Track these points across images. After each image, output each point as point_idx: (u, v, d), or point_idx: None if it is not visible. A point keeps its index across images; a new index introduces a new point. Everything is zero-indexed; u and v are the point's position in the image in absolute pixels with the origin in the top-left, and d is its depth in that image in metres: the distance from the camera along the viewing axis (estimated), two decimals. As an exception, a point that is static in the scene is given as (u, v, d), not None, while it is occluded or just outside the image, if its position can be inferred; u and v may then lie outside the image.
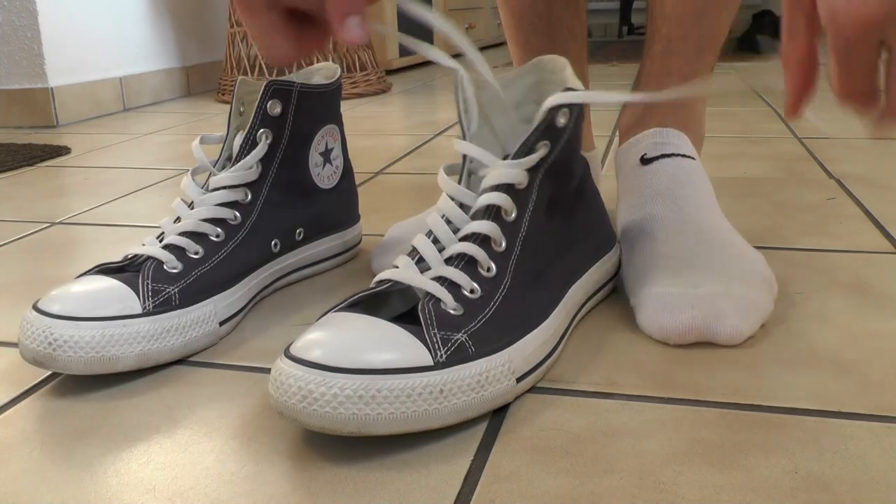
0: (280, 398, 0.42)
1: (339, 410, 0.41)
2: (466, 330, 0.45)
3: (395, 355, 0.42)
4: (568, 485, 0.39)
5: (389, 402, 0.41)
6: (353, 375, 0.41)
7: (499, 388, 0.45)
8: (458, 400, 0.43)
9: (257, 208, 0.62)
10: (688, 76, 0.70)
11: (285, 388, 0.41)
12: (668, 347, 0.54)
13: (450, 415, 0.43)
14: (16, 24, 1.61)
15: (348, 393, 0.41)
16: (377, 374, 0.41)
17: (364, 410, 0.41)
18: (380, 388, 0.41)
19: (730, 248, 0.60)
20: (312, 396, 0.41)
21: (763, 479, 0.39)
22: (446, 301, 0.46)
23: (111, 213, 0.94)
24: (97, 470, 0.42)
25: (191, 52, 2.12)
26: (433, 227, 0.50)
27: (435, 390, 0.42)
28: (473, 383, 0.44)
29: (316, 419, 0.41)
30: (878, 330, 0.56)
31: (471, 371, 0.44)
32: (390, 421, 0.41)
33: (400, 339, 0.43)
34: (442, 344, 0.44)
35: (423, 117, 1.61)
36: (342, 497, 0.39)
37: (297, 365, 0.42)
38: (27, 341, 0.49)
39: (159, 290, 0.53)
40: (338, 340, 0.42)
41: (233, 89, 0.66)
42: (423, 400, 0.42)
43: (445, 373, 0.43)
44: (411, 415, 0.42)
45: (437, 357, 0.43)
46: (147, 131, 1.55)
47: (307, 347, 0.42)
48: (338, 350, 0.42)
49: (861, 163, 1.08)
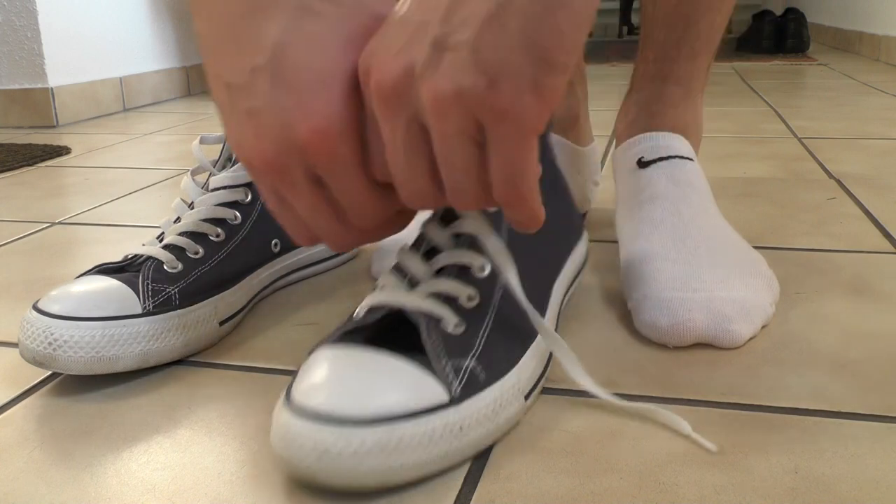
0: (292, 458, 0.37)
1: (361, 467, 0.37)
2: (473, 353, 0.42)
3: (410, 395, 0.39)
4: (568, 485, 0.39)
5: (412, 449, 0.38)
6: (374, 427, 0.37)
7: (511, 411, 0.43)
8: (476, 433, 0.41)
9: (257, 208, 0.62)
10: (682, 80, 0.70)
11: (298, 447, 0.37)
12: (667, 348, 0.54)
13: (468, 450, 0.41)
14: (16, 24, 1.61)
15: (369, 447, 0.37)
16: (396, 420, 0.38)
17: (387, 462, 0.37)
18: (401, 437, 0.37)
19: (729, 249, 0.60)
20: (331, 454, 0.36)
21: (763, 479, 0.39)
22: (446, 318, 0.43)
23: (111, 213, 0.94)
24: (97, 470, 0.42)
25: (191, 52, 2.12)
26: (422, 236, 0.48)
27: (455, 428, 0.39)
28: (489, 412, 0.41)
29: (336, 477, 0.37)
30: (878, 330, 0.56)
31: (486, 401, 0.41)
32: (413, 469, 0.38)
33: (410, 375, 0.40)
34: (455, 375, 0.41)
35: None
36: (342, 497, 0.39)
37: (308, 419, 0.37)
38: (27, 341, 0.49)
39: (159, 290, 0.53)
40: (343, 384, 0.39)
41: (233, 89, 0.66)
42: (444, 441, 0.39)
43: (462, 408, 0.40)
44: (434, 458, 0.39)
45: (452, 392, 0.40)
46: (147, 131, 1.55)
47: (313, 395, 0.38)
48: (347, 396, 0.38)
49: (861, 163, 1.08)
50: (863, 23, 2.72)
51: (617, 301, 0.62)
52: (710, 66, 0.72)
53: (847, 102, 1.63)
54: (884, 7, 2.49)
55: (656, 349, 0.54)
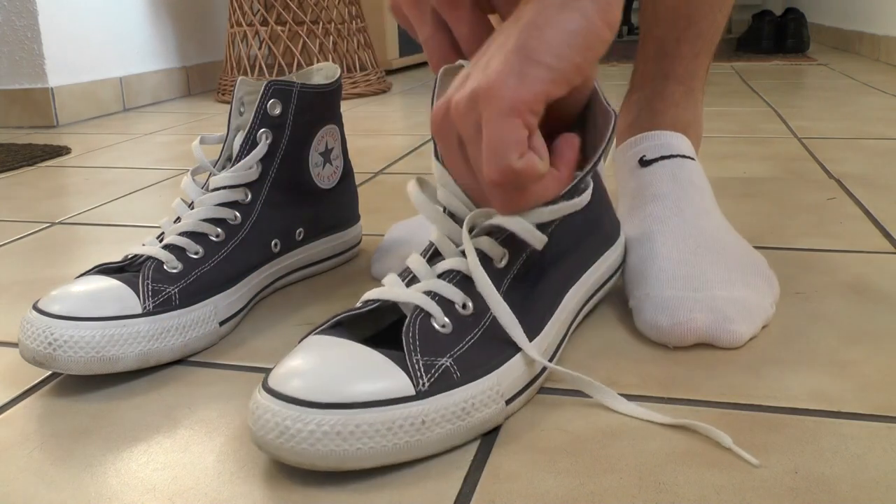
0: (257, 433, 0.40)
1: (317, 447, 0.39)
2: (451, 354, 0.43)
3: (375, 386, 0.40)
4: (568, 485, 0.39)
5: (369, 436, 0.39)
6: (330, 411, 0.39)
7: (486, 413, 0.43)
8: (442, 429, 0.41)
9: (257, 208, 0.62)
10: (683, 78, 0.70)
11: (262, 423, 0.40)
12: (667, 348, 0.54)
13: (432, 445, 0.41)
14: (16, 24, 1.61)
15: (325, 430, 0.39)
16: (356, 408, 0.40)
17: (342, 446, 0.39)
18: (358, 423, 0.39)
19: (731, 249, 0.60)
20: (289, 433, 0.39)
21: (763, 479, 0.39)
22: (436, 316, 0.44)
23: (111, 213, 0.94)
24: (97, 470, 0.42)
25: (191, 52, 2.12)
26: (434, 241, 0.48)
27: (416, 422, 0.40)
28: (458, 411, 0.42)
29: (293, 455, 0.39)
30: (877, 330, 0.56)
31: (455, 399, 0.42)
32: (370, 455, 0.40)
33: (380, 367, 0.41)
34: (425, 371, 0.42)
35: (423, 117, 1.61)
36: (342, 496, 0.39)
37: (274, 399, 0.40)
38: (27, 341, 0.49)
39: (159, 290, 0.53)
40: (316, 371, 0.41)
41: (233, 89, 0.66)
42: (405, 432, 0.40)
43: (428, 402, 0.41)
44: (392, 448, 0.40)
45: (419, 386, 0.41)
46: (147, 131, 1.55)
47: (284, 379, 0.41)
48: (315, 382, 0.40)
49: (861, 163, 1.08)
50: (863, 23, 2.71)
51: (617, 301, 0.62)
52: (710, 64, 0.72)
53: (847, 102, 1.63)
54: (884, 7, 2.49)
55: (656, 349, 0.54)
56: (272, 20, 1.92)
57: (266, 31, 1.91)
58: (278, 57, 1.92)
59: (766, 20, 2.81)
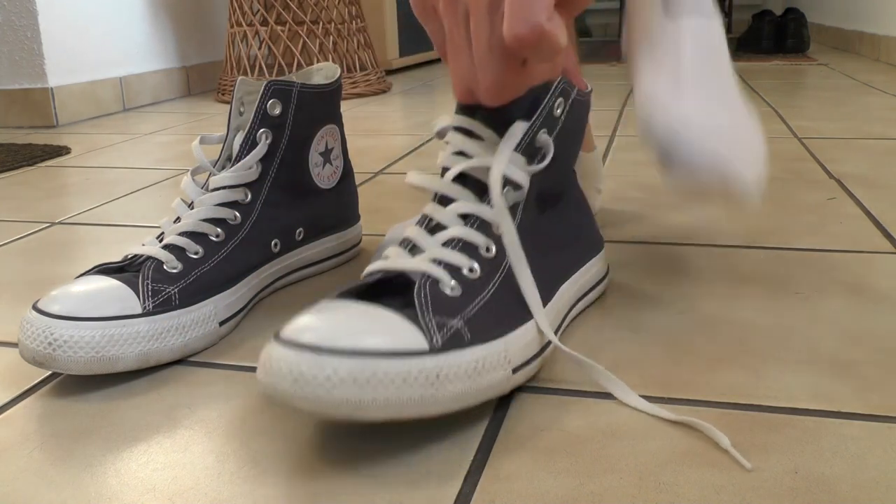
0: (269, 381, 0.40)
1: (333, 393, 0.39)
2: (462, 316, 0.44)
3: (390, 339, 0.41)
4: (568, 485, 0.39)
5: (385, 385, 0.39)
6: (347, 358, 0.39)
7: (495, 377, 0.44)
8: (455, 387, 0.42)
9: (257, 208, 0.62)
10: None
11: (275, 371, 0.39)
12: (667, 348, 0.54)
13: (447, 402, 0.42)
14: (16, 23, 1.61)
15: (342, 375, 0.39)
16: (372, 356, 0.40)
17: (358, 394, 0.39)
18: (374, 372, 0.39)
19: (748, 125, 0.62)
20: (304, 379, 0.39)
21: (763, 479, 0.39)
22: (444, 280, 0.45)
23: (111, 213, 0.94)
24: (97, 470, 0.42)
25: (191, 52, 2.12)
26: (430, 213, 0.50)
27: (431, 375, 0.41)
28: (470, 370, 0.43)
29: (307, 403, 0.39)
30: (877, 330, 0.56)
31: (467, 357, 0.43)
32: (385, 405, 0.40)
33: (395, 323, 0.42)
34: (437, 329, 0.43)
35: (423, 117, 1.61)
36: (342, 497, 0.39)
37: (287, 347, 0.40)
38: (27, 341, 0.49)
39: (159, 290, 0.53)
40: (331, 324, 0.41)
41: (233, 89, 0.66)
42: (420, 385, 0.41)
43: (441, 358, 0.42)
44: (407, 400, 0.40)
45: (433, 342, 0.42)
46: (147, 131, 1.55)
47: (299, 331, 0.41)
48: (331, 333, 0.40)
49: (861, 163, 1.08)
50: (863, 23, 2.71)
51: (617, 301, 0.62)
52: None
53: (847, 102, 1.63)
54: (884, 7, 2.48)
55: (656, 348, 0.54)
56: (272, 20, 1.92)
57: (266, 31, 1.91)
58: (278, 57, 1.92)
59: (766, 20, 2.81)
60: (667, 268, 0.69)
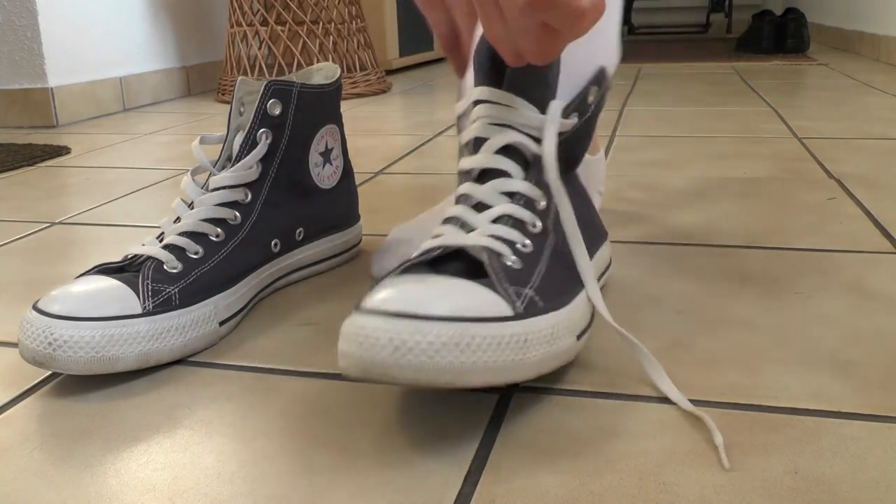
0: (366, 354, 0.38)
1: (436, 359, 0.38)
2: (531, 285, 0.45)
3: (480, 304, 0.41)
4: (568, 485, 0.39)
5: (483, 349, 0.40)
6: (447, 323, 0.39)
7: (565, 344, 0.45)
8: (537, 352, 0.43)
9: (257, 208, 0.62)
10: None
11: (372, 342, 0.38)
12: (667, 348, 0.54)
13: (531, 367, 0.43)
14: (16, 23, 1.61)
15: (444, 340, 0.38)
16: (469, 321, 0.39)
17: (460, 358, 0.39)
18: (473, 336, 0.39)
19: None
20: (406, 346, 0.38)
21: (763, 479, 0.39)
22: (504, 254, 0.46)
23: (111, 213, 0.94)
24: (97, 470, 0.42)
25: (191, 52, 2.12)
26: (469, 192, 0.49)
27: (520, 340, 0.42)
28: (548, 335, 0.44)
29: (410, 371, 0.38)
30: (877, 330, 0.56)
31: (545, 324, 0.44)
32: (484, 370, 0.40)
33: (477, 290, 0.42)
34: (517, 296, 0.43)
35: (423, 117, 1.61)
36: (342, 496, 0.39)
37: (382, 317, 0.39)
38: (27, 341, 0.50)
39: (159, 290, 0.53)
40: (416, 293, 0.40)
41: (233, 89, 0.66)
42: (511, 349, 0.41)
43: (527, 323, 0.42)
44: (501, 364, 0.41)
45: (516, 308, 0.43)
46: (147, 131, 1.55)
47: (385, 301, 0.40)
48: (420, 301, 0.39)
49: (861, 163, 1.08)
50: (863, 23, 2.71)
51: (617, 301, 0.62)
52: None
53: (847, 102, 1.63)
54: (884, 7, 2.49)
55: (656, 348, 0.54)
56: (272, 20, 1.92)
57: (266, 31, 1.91)
58: (278, 57, 1.92)
59: (766, 20, 2.81)
60: (667, 268, 0.69)
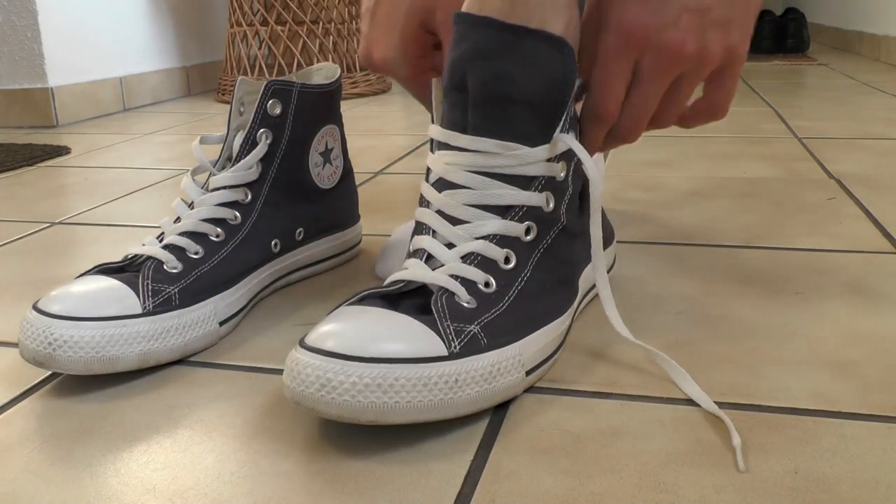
0: (297, 388, 0.42)
1: (358, 399, 0.41)
2: (479, 321, 0.45)
3: (411, 345, 0.43)
4: (568, 485, 0.39)
5: (407, 390, 0.41)
6: (371, 364, 0.41)
7: (509, 380, 0.46)
8: (472, 391, 0.44)
9: (257, 208, 0.62)
10: None
11: (303, 378, 0.42)
12: (668, 347, 0.54)
13: (463, 405, 0.44)
14: (16, 24, 1.61)
15: (367, 381, 0.41)
16: (394, 363, 0.42)
17: (382, 399, 0.41)
18: (397, 377, 0.41)
19: None
20: (331, 385, 0.41)
21: (763, 479, 0.39)
22: (460, 295, 0.46)
23: (111, 213, 0.94)
24: (97, 470, 0.42)
25: (191, 52, 2.12)
26: (434, 226, 0.49)
27: (450, 380, 0.43)
28: (486, 374, 0.44)
29: (334, 408, 0.41)
30: (878, 330, 0.56)
31: (483, 362, 0.44)
32: (407, 410, 0.42)
33: (414, 330, 0.44)
34: (455, 335, 0.44)
35: (423, 117, 1.61)
36: (342, 496, 0.39)
37: (314, 354, 0.42)
38: (27, 341, 0.49)
39: (159, 290, 0.53)
40: (353, 331, 0.43)
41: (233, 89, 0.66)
42: (439, 389, 0.42)
43: (459, 363, 0.43)
44: (427, 404, 0.42)
45: (451, 348, 0.44)
46: (147, 131, 1.55)
47: (323, 338, 0.43)
48: (354, 340, 0.42)
49: (861, 163, 1.08)
50: (863, 23, 2.71)
51: (617, 301, 0.62)
52: None
53: (847, 102, 1.63)
54: (884, 7, 2.48)
55: (656, 349, 0.54)
56: (272, 20, 1.92)
57: (266, 31, 1.91)
58: (278, 57, 1.92)
59: (766, 20, 2.81)
60: (667, 268, 0.69)
